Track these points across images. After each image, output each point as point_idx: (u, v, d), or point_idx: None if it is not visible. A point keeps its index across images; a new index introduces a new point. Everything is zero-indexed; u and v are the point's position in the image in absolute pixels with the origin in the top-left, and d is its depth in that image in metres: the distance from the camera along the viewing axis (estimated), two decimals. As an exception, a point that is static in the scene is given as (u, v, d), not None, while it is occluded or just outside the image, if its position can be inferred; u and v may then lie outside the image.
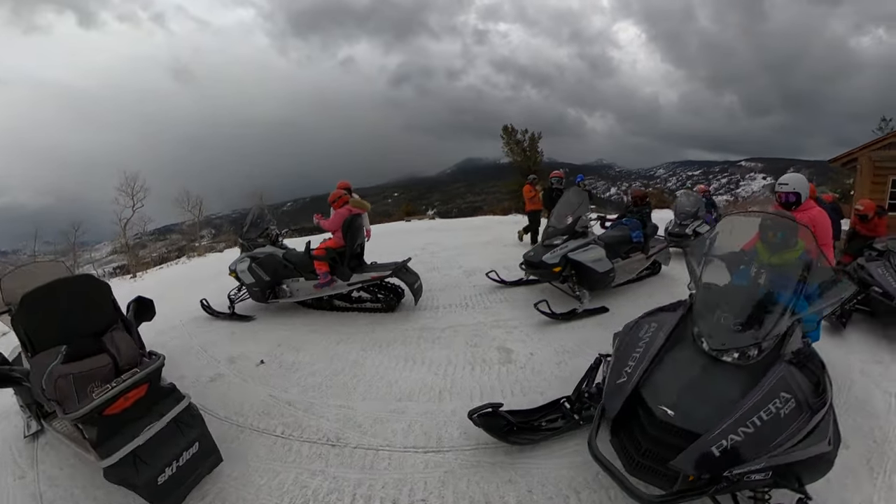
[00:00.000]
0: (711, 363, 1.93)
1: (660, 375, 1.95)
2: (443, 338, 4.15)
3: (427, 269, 6.73)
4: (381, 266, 4.83)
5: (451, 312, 4.81)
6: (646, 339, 2.15)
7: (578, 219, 4.99)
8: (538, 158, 20.11)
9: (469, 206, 61.45)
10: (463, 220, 17.20)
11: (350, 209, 4.77)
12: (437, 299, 5.22)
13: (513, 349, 3.88)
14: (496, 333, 4.21)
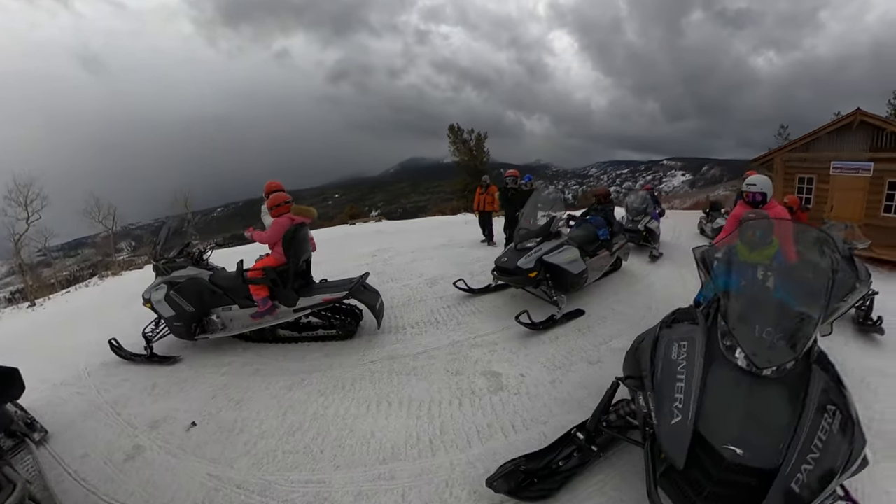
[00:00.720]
0: (754, 381, 1.75)
1: (710, 406, 1.70)
2: (418, 367, 3.55)
3: (383, 279, 6.08)
4: (334, 285, 4.10)
5: (421, 333, 4.21)
6: (681, 363, 1.88)
7: (552, 219, 4.69)
8: (484, 158, 20.08)
9: (414, 205, 60.88)
10: (412, 222, 16.54)
11: (292, 218, 3.95)
12: (401, 317, 4.59)
13: (500, 372, 3.43)
14: (478, 354, 3.72)
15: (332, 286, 4.09)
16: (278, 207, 3.95)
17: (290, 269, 3.89)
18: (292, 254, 3.88)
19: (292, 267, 3.90)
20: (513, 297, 5.15)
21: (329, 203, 73.88)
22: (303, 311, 3.94)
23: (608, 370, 3.47)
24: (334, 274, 6.63)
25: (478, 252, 7.94)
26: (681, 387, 1.77)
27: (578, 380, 3.36)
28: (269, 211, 4.03)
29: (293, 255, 3.89)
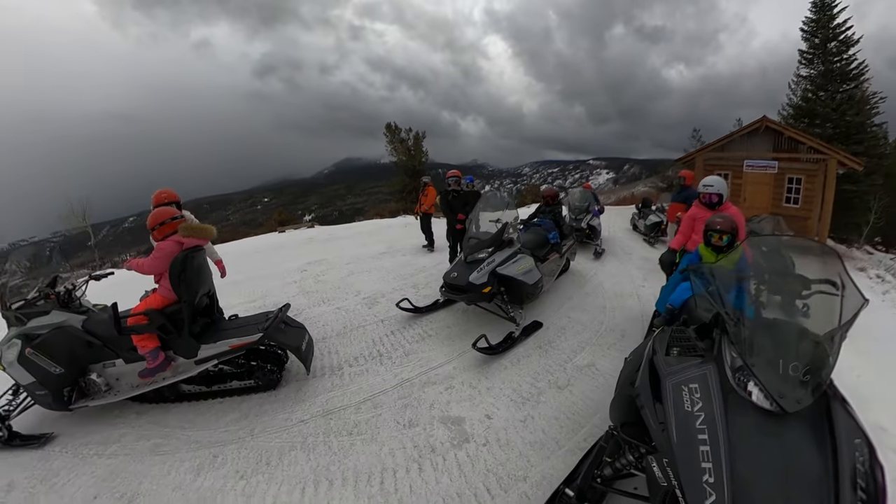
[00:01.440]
0: (777, 424, 1.48)
1: (745, 473, 1.39)
2: (361, 423, 2.84)
3: (313, 302, 5.21)
4: (246, 324, 3.21)
5: (361, 372, 3.46)
6: (699, 416, 1.53)
7: (505, 226, 4.21)
8: (423, 158, 19.52)
9: (350, 208, 58.56)
10: (347, 227, 15.36)
11: (180, 240, 2.98)
12: (336, 352, 3.80)
13: (462, 416, 2.87)
14: (432, 395, 3.12)
15: (243, 325, 3.18)
16: (161, 227, 2.96)
17: (185, 308, 2.93)
18: (185, 289, 2.91)
19: (187, 306, 2.94)
20: (464, 313, 4.65)
21: (258, 208, 68.18)
22: (207, 363, 3.01)
23: (580, 394, 3.18)
24: (256, 297, 5.68)
25: (421, 260, 7.33)
26: (706, 451, 1.43)
27: (551, 412, 2.95)
28: (151, 232, 3.05)
29: (186, 290, 2.92)
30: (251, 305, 5.16)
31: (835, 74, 15.09)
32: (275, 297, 5.45)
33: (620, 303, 5.30)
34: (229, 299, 5.43)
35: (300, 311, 4.84)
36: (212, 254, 3.77)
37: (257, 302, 5.31)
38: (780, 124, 11.94)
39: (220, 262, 3.92)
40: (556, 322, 4.50)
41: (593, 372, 3.51)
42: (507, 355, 3.69)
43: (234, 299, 5.36)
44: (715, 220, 3.22)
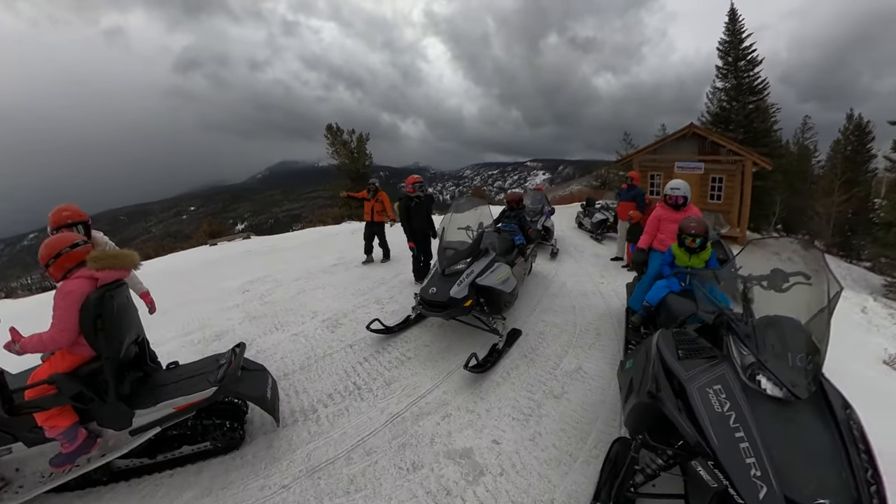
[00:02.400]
0: (790, 410, 1.65)
1: (780, 460, 1.53)
2: (357, 476, 2.38)
3: (263, 329, 4.52)
4: (192, 375, 2.53)
5: (341, 413, 2.94)
6: (730, 415, 1.65)
7: (482, 234, 3.97)
8: (367, 161, 18.80)
9: (287, 215, 55.18)
10: (289, 236, 14.23)
11: (92, 275, 2.21)
12: (304, 391, 3.24)
13: (469, 447, 2.58)
14: (429, 428, 2.76)
15: (188, 377, 2.51)
16: (59, 260, 2.18)
17: (107, 367, 2.20)
18: (104, 341, 2.18)
19: (110, 363, 2.21)
20: (440, 328, 4.34)
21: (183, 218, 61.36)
22: (147, 432, 2.31)
23: (577, 401, 3.10)
24: (192, 329, 4.80)
25: (379, 272, 6.83)
26: (746, 448, 1.54)
27: (555, 424, 2.82)
28: (45, 269, 2.25)
29: (107, 342, 2.19)
30: (188, 341, 4.34)
31: (744, 88, 17.64)
32: (216, 327, 4.65)
33: (586, 301, 5.40)
34: (159, 334, 4.56)
35: (249, 341, 4.15)
36: (136, 285, 2.96)
37: (195, 335, 4.48)
38: (705, 130, 13.36)
39: (147, 295, 3.08)
40: (533, 327, 4.42)
41: (582, 376, 3.49)
42: (496, 370, 3.48)
43: (165, 333, 4.49)
44: (690, 224, 3.37)
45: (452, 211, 4.44)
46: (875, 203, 19.01)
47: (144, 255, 19.01)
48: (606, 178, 33.52)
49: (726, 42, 18.37)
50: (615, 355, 3.87)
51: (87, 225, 2.83)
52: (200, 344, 4.24)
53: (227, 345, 4.13)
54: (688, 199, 4.23)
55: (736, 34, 18.04)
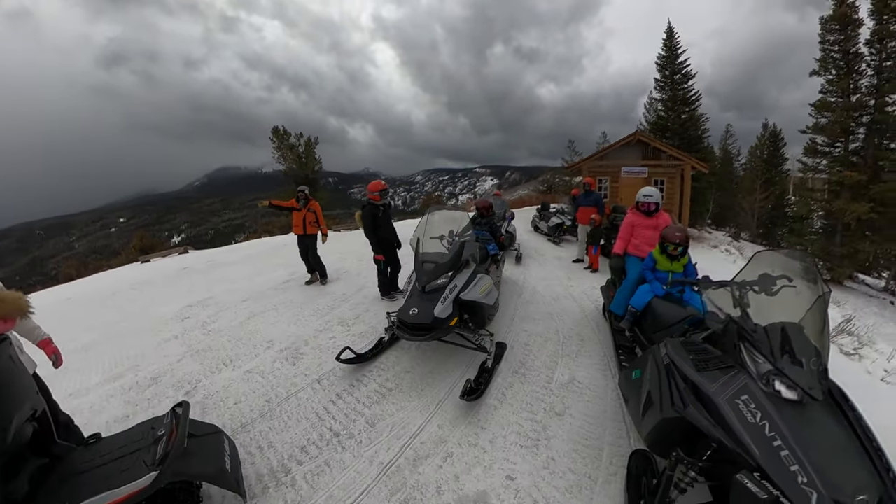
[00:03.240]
0: (807, 411, 1.67)
1: (818, 463, 1.52)
2: None
3: (209, 366, 3.82)
4: (122, 454, 1.88)
5: (321, 470, 2.39)
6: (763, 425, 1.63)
7: (464, 244, 3.67)
8: (316, 166, 17.86)
9: (228, 225, 51.37)
10: (232, 249, 12.99)
11: None
12: (271, 445, 2.64)
13: (482, 489, 2.26)
14: (431, 474, 2.36)
15: (117, 457, 1.87)
16: None
17: (17, 469, 1.58)
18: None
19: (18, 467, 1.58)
20: (417, 349, 3.95)
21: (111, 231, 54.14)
22: None
23: (580, 416, 2.94)
24: (123, 370, 3.94)
25: (338, 287, 6.29)
26: (788, 456, 1.53)
27: (566, 445, 2.63)
28: None
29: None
30: (117, 387, 3.52)
31: (679, 99, 19.19)
32: (151, 367, 3.89)
33: (561, 306, 5.35)
34: (79, 380, 3.74)
35: (194, 384, 3.48)
36: (30, 333, 2.18)
37: (125, 379, 3.67)
38: (649, 137, 14.34)
39: (49, 344, 2.33)
40: (516, 339, 4.23)
41: (578, 387, 3.34)
42: (490, 392, 3.19)
43: (89, 379, 3.69)
44: (674, 233, 3.48)
45: (427, 219, 4.06)
46: (789, 199, 21.77)
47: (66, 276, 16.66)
48: (553, 182, 35.06)
49: (664, 57, 20.04)
50: (603, 361, 3.78)
51: None
52: (133, 391, 3.48)
53: (165, 389, 3.46)
54: (659, 206, 4.37)
55: (672, 50, 19.73)
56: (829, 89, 14.38)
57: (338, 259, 8.62)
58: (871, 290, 14.51)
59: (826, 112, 14.23)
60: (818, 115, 14.51)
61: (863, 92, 13.77)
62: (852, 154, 14.06)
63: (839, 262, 13.52)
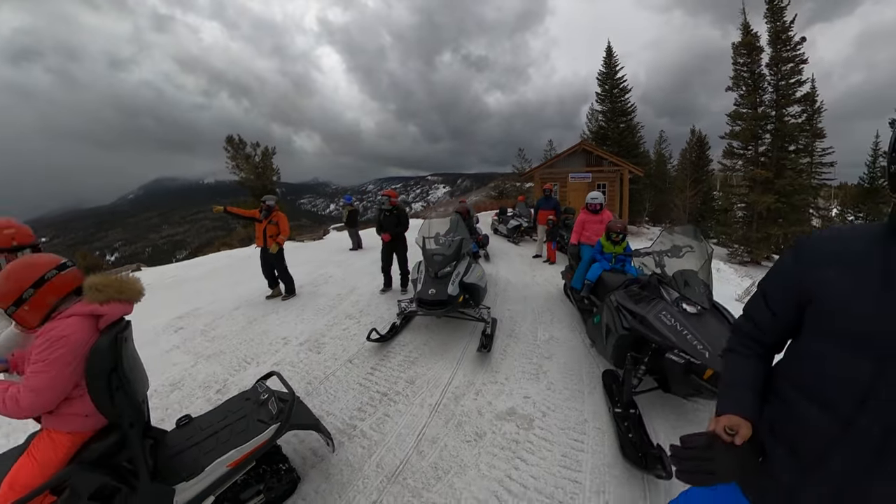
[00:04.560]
0: (702, 316, 2.68)
1: (703, 337, 2.48)
2: (439, 463, 2.50)
3: (230, 367, 3.99)
4: (227, 423, 2.13)
5: (383, 420, 2.95)
6: (674, 324, 2.62)
7: (462, 241, 4.48)
8: (274, 176, 17.66)
9: (168, 241, 47.51)
10: (193, 263, 12.43)
11: (94, 312, 1.56)
12: (329, 414, 3.02)
13: (511, 406, 3.14)
14: (471, 405, 3.15)
15: (223, 426, 2.10)
16: (40, 291, 1.50)
17: (133, 437, 1.66)
18: (124, 401, 1.62)
19: (136, 433, 1.67)
20: (426, 328, 4.68)
21: None
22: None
23: (562, 357, 4.00)
24: None
25: (331, 289, 6.74)
26: (691, 337, 2.47)
27: (558, 377, 3.60)
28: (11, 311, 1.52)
29: (129, 403, 1.64)
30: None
31: (618, 111, 21.42)
32: (165, 375, 3.95)
33: (530, 291, 6.34)
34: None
35: (221, 382, 3.71)
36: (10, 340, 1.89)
37: None
38: (592, 146, 16.07)
39: None
40: (502, 315, 5.11)
41: (557, 341, 4.33)
42: (494, 349, 4.08)
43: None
44: (616, 224, 4.65)
45: (428, 224, 5.04)
46: (714, 195, 24.95)
47: None
48: (504, 188, 36.75)
49: (604, 73, 22.41)
50: (571, 325, 4.79)
51: (37, 247, 2.16)
52: (155, 398, 3.55)
53: (192, 391, 3.61)
54: (603, 205, 5.84)
55: (611, 67, 22.06)
56: (741, 102, 17.10)
57: (316, 266, 8.92)
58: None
59: (739, 121, 16.89)
60: (733, 123, 17.16)
61: (766, 105, 16.63)
62: (761, 156, 16.83)
63: (757, 246, 16.10)
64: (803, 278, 0.98)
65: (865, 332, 0.84)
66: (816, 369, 0.93)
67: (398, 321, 4.59)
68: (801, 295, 0.98)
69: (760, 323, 1.12)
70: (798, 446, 0.95)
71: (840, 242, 0.94)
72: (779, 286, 1.07)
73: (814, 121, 17.69)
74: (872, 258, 0.87)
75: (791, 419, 0.98)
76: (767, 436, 1.03)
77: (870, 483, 0.82)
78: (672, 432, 2.77)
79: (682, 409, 3.01)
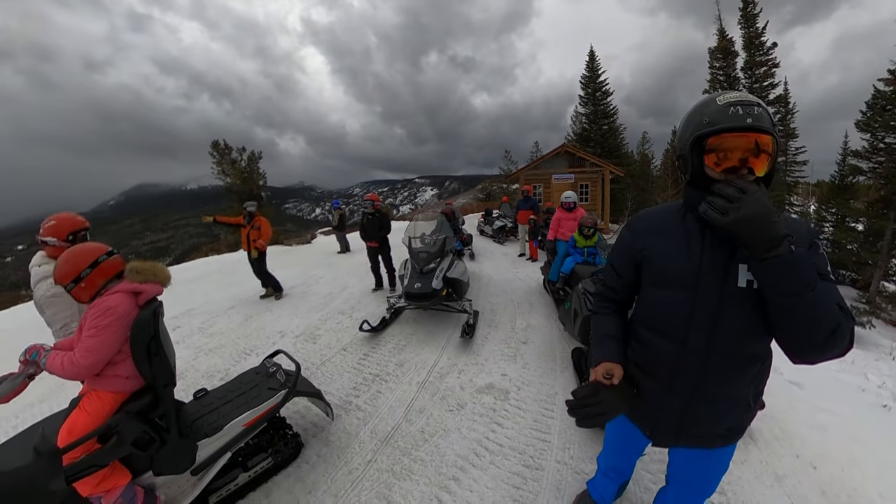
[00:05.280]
0: None
1: None
2: (426, 428, 2.87)
3: (230, 359, 4.27)
4: (241, 391, 2.43)
5: (377, 395, 3.30)
6: None
7: (446, 239, 4.83)
8: (261, 181, 17.71)
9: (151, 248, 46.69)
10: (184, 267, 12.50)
11: (136, 288, 1.90)
12: (327, 393, 3.35)
13: (489, 382, 3.41)
14: (454, 381, 3.50)
15: (237, 394, 2.41)
16: (94, 272, 1.85)
17: (166, 397, 1.96)
18: (160, 366, 1.92)
19: (168, 392, 1.98)
20: (414, 321, 5.01)
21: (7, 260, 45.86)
22: (212, 468, 2.11)
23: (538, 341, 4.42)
24: None
25: (322, 288, 7.03)
26: None
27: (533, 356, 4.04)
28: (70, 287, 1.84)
29: (161, 367, 1.93)
30: None
31: (600, 113, 22.10)
32: None
33: (512, 286, 6.78)
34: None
35: (223, 371, 3.99)
36: None
37: None
38: (574, 148, 16.69)
39: None
40: (484, 307, 5.51)
41: (533, 328, 4.76)
42: (476, 337, 4.46)
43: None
44: (587, 220, 5.06)
45: (414, 225, 5.41)
46: None
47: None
48: (491, 190, 37.19)
49: (587, 76, 23.14)
50: (547, 314, 5.23)
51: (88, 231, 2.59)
52: None
53: (197, 380, 3.86)
54: (576, 204, 6.35)
55: (594, 71, 22.77)
56: None
57: (307, 268, 9.15)
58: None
59: None
60: None
61: None
62: None
63: None
64: (636, 245, 1.28)
65: (680, 276, 1.15)
66: (656, 310, 1.24)
67: (388, 315, 4.92)
68: (635, 256, 1.29)
69: (612, 285, 1.43)
70: (657, 371, 1.25)
71: (657, 218, 1.27)
72: (621, 254, 1.36)
73: (787, 121, 18.59)
74: (679, 226, 1.19)
75: (647, 353, 1.27)
76: (635, 371, 1.32)
77: (707, 381, 1.19)
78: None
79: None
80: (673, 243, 1.19)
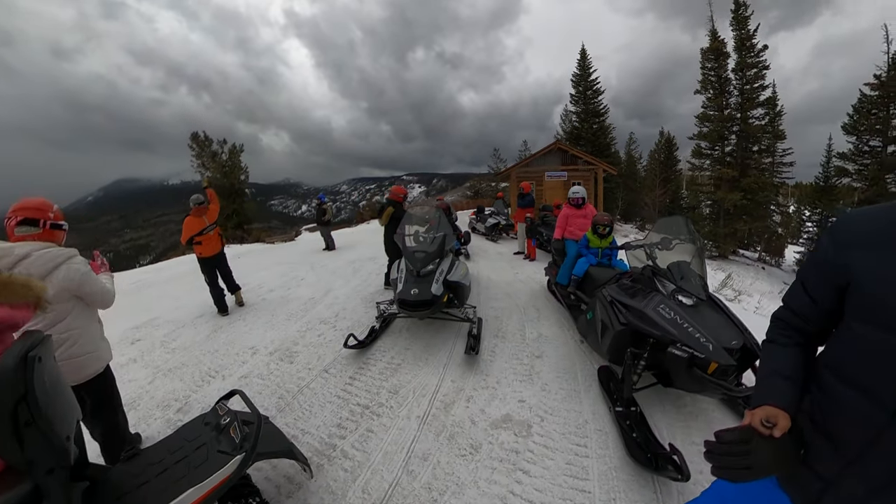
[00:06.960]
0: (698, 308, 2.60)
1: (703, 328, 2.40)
2: (433, 483, 2.21)
3: (193, 382, 3.62)
4: (181, 458, 1.74)
5: (367, 436, 2.63)
6: (675, 317, 2.50)
7: (445, 238, 4.20)
8: (242, 175, 16.84)
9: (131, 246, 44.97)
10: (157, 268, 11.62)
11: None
12: (306, 433, 2.70)
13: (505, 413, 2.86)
14: (462, 413, 2.82)
15: (177, 459, 1.73)
16: None
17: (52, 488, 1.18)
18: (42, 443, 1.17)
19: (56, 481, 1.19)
20: (407, 331, 4.38)
21: None
22: None
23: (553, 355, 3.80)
24: None
25: (303, 291, 6.36)
26: (692, 330, 2.37)
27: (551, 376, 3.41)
28: None
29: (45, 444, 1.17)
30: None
31: (591, 112, 21.85)
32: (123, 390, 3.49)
33: (514, 288, 6.18)
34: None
35: (182, 400, 3.30)
36: None
37: None
38: (567, 145, 16.31)
39: None
40: (487, 314, 4.89)
41: (546, 339, 4.13)
42: (482, 351, 3.83)
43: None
44: (602, 218, 4.50)
45: (408, 221, 4.67)
46: (682, 193, 26.04)
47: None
48: (479, 188, 36.90)
49: (578, 75, 22.87)
50: (559, 321, 4.62)
51: None
52: None
53: (150, 412, 3.18)
54: (585, 200, 5.63)
55: (585, 69, 22.52)
56: (708, 105, 17.90)
57: (288, 268, 8.48)
58: (748, 261, 18.94)
59: (707, 123, 17.69)
60: (701, 125, 17.97)
61: (732, 108, 17.47)
62: (727, 155, 17.71)
63: (724, 241, 16.95)
64: (840, 261, 0.92)
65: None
66: (857, 355, 0.89)
67: (377, 325, 4.29)
68: (838, 278, 0.93)
69: (800, 310, 1.07)
70: (840, 437, 0.92)
71: (879, 222, 0.87)
72: (816, 271, 1.01)
73: (775, 123, 18.64)
74: None
75: (833, 409, 0.94)
76: (808, 427, 1.00)
77: None
78: (674, 428, 2.64)
79: (682, 403, 2.90)
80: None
